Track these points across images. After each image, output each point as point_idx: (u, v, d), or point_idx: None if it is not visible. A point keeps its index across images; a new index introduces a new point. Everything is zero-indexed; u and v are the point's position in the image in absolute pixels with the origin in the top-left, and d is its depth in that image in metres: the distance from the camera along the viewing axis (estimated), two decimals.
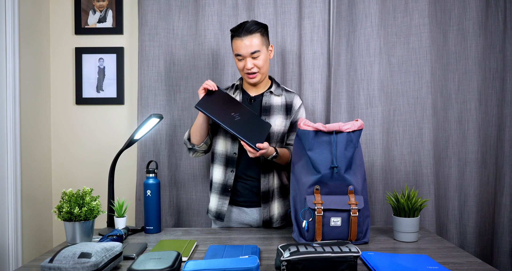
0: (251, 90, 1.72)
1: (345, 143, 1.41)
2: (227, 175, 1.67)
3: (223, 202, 1.67)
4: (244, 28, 1.58)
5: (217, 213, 1.68)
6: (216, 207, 1.69)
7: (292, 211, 1.47)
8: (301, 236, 1.42)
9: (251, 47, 1.59)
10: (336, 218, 1.39)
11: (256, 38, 1.59)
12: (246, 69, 1.62)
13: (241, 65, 1.64)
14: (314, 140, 1.41)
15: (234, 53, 1.63)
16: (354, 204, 1.38)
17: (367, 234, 1.43)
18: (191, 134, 1.65)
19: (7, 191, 1.85)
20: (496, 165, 2.07)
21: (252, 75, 1.63)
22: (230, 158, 1.67)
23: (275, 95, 1.70)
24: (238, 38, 1.60)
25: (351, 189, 1.41)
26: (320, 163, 1.40)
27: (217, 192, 1.69)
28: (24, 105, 1.96)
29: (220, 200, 1.68)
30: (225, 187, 1.67)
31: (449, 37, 2.08)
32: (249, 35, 1.58)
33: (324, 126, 1.41)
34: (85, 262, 1.02)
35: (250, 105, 1.70)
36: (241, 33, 1.59)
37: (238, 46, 1.60)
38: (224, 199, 1.67)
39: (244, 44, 1.58)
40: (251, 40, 1.58)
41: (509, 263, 2.01)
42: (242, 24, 1.60)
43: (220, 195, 1.68)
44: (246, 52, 1.59)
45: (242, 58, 1.62)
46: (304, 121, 1.44)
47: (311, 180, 1.41)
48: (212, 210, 1.70)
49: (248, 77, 1.64)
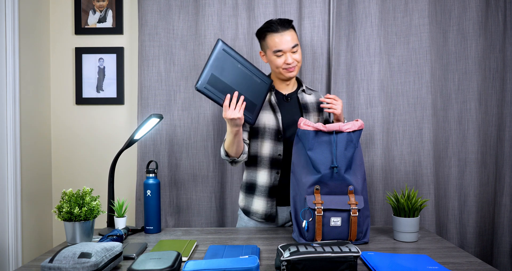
0: (282, 88, 1.69)
1: (345, 143, 1.41)
2: (272, 177, 1.64)
3: (272, 203, 1.65)
4: (280, 23, 1.57)
5: (267, 215, 1.66)
6: (265, 209, 1.66)
7: (292, 211, 1.47)
8: (301, 236, 1.42)
9: (292, 41, 1.57)
10: (336, 218, 1.39)
11: (293, 32, 1.59)
12: (285, 65, 1.59)
13: (280, 61, 1.59)
14: (314, 140, 1.41)
15: (272, 50, 1.58)
16: (354, 204, 1.38)
17: (367, 234, 1.43)
18: (226, 150, 1.57)
19: (7, 191, 1.85)
20: (496, 165, 2.07)
21: (291, 69, 1.60)
22: (275, 159, 1.64)
23: (307, 94, 1.70)
24: (275, 34, 1.57)
25: (351, 189, 1.41)
26: (320, 162, 1.40)
27: (264, 195, 1.66)
28: (24, 105, 1.96)
29: (268, 202, 1.66)
30: (272, 189, 1.65)
31: (449, 37, 2.08)
32: (287, 30, 1.57)
33: (324, 126, 1.41)
34: (85, 262, 1.02)
35: (287, 103, 1.67)
36: (278, 28, 1.57)
37: (278, 41, 1.57)
38: (272, 200, 1.65)
39: (285, 39, 1.56)
40: (290, 35, 1.57)
41: (509, 263, 2.01)
42: (273, 21, 1.59)
43: (267, 197, 1.65)
44: (288, 47, 1.57)
45: (282, 54, 1.58)
46: (304, 121, 1.44)
47: (311, 180, 1.41)
48: (260, 212, 1.67)
49: (288, 71, 1.60)
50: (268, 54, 1.62)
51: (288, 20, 1.60)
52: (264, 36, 1.61)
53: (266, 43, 1.61)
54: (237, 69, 1.48)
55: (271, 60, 1.62)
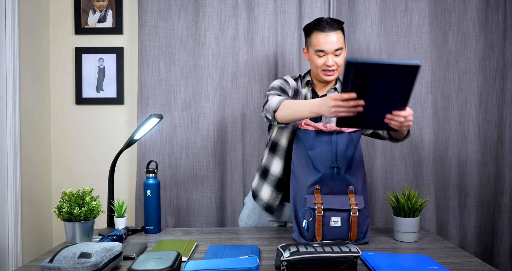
0: (318, 88, 1.65)
1: (346, 143, 1.41)
2: (285, 170, 1.63)
3: (276, 195, 1.65)
4: (328, 23, 1.51)
5: (268, 205, 1.66)
6: (269, 199, 1.66)
7: (292, 210, 1.47)
8: (301, 235, 1.42)
9: (337, 44, 1.51)
10: (336, 218, 1.39)
11: (340, 35, 1.53)
12: (325, 66, 1.54)
13: (320, 62, 1.54)
14: (315, 140, 1.41)
15: (315, 48, 1.53)
16: (354, 204, 1.38)
17: (367, 234, 1.43)
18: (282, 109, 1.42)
19: (7, 191, 1.85)
20: (496, 165, 2.07)
21: (330, 73, 1.55)
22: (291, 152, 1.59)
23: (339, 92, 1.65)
24: (321, 33, 1.51)
25: (351, 189, 1.41)
26: (320, 162, 1.40)
27: (273, 185, 1.65)
28: (24, 105, 1.96)
29: (274, 193, 1.65)
30: (281, 182, 1.63)
31: (449, 37, 2.08)
32: (334, 31, 1.51)
33: (325, 126, 1.41)
34: (85, 262, 1.02)
35: None
36: (325, 27, 1.51)
37: (322, 41, 1.51)
38: (278, 193, 1.65)
39: (330, 40, 1.51)
40: (336, 36, 1.51)
41: (509, 263, 2.01)
42: (323, 19, 1.53)
43: (275, 188, 1.64)
44: (331, 48, 1.51)
45: (324, 55, 1.53)
46: (305, 121, 1.44)
47: (312, 180, 1.41)
48: (263, 200, 1.67)
49: (325, 74, 1.55)
50: (310, 52, 1.57)
51: (338, 21, 1.54)
52: (310, 33, 1.56)
53: (310, 41, 1.56)
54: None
55: (312, 59, 1.57)
